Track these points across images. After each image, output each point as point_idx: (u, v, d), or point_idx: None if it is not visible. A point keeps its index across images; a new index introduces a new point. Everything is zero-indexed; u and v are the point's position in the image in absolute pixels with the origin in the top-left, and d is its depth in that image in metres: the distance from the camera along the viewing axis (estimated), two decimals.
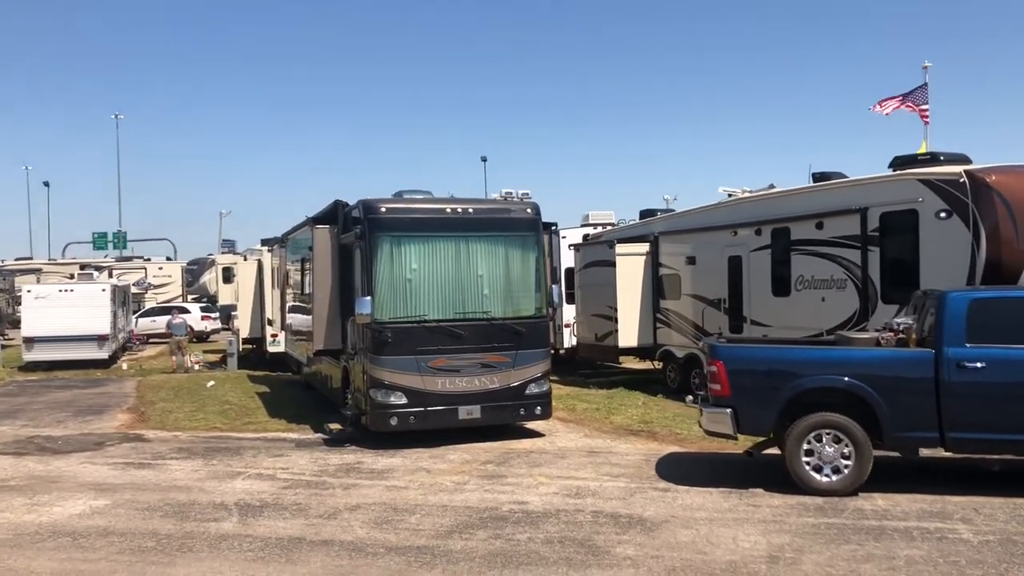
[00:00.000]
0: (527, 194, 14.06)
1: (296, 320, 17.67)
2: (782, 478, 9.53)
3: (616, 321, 18.41)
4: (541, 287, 13.14)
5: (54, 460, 12.01)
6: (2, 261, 54.21)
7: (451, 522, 8.42)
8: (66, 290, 27.11)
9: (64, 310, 25.99)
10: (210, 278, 49.32)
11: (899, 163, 13.23)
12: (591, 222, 22.83)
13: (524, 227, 13.26)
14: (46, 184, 72.89)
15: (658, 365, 19.18)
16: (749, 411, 9.32)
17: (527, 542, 7.70)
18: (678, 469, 10.54)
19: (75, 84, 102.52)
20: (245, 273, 25.80)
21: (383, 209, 12.71)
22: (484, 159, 45.62)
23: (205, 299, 45.19)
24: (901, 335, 9.35)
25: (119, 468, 11.38)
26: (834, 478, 9.07)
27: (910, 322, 9.32)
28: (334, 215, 14.23)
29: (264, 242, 27.27)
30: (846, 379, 8.98)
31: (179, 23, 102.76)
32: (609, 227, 22.90)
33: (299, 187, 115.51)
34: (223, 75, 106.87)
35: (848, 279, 13.31)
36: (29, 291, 26.99)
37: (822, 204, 13.91)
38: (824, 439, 9.08)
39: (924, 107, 21.81)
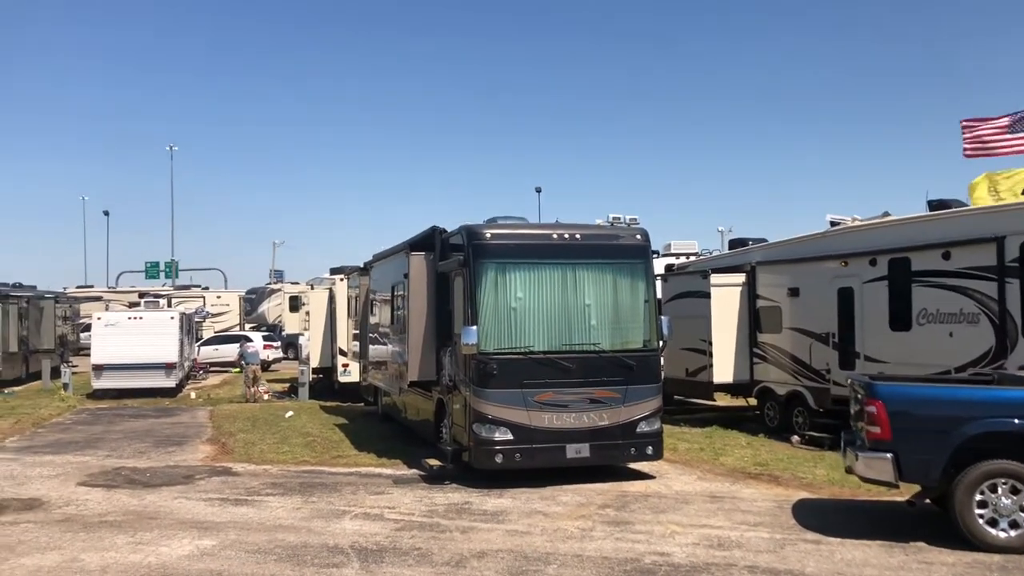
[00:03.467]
0: (635, 219, 13.46)
1: (380, 350, 17.10)
2: (943, 531, 8.67)
3: (710, 356, 17.57)
4: (651, 318, 12.42)
5: (146, 494, 11.50)
6: (63, 289, 54.85)
7: (594, 575, 7.68)
8: (135, 317, 26.96)
9: (133, 337, 25.83)
10: (269, 307, 49.39)
11: None
12: (673, 251, 22.07)
13: (633, 254, 12.58)
14: (106, 213, 73.90)
15: (752, 402, 18.31)
16: (913, 457, 8.46)
17: None
18: (819, 518, 9.68)
19: (127, 115, 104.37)
20: (316, 302, 25.43)
21: (488, 235, 12.14)
22: (539, 190, 45.06)
23: (265, 328, 45.04)
24: None
25: (216, 504, 10.82)
26: (1012, 533, 8.18)
27: None
28: (430, 241, 13.70)
29: (334, 271, 26.95)
30: None
31: (227, 47, 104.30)
32: (692, 257, 22.14)
33: (350, 220, 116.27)
34: (273, 104, 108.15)
35: (981, 313, 12.39)
36: (99, 318, 26.89)
37: (949, 233, 13.02)
38: (1000, 489, 8.21)
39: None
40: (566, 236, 12.31)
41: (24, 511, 10.53)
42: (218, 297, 50.67)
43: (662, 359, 12.92)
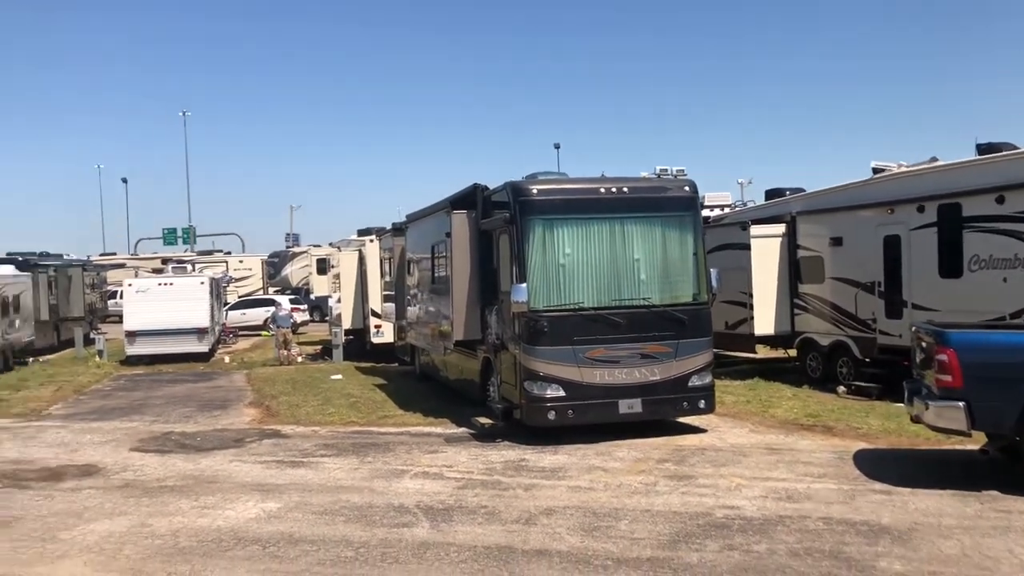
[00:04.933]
0: (683, 171, 13.15)
1: (419, 310, 17.03)
2: (1014, 479, 8.56)
3: (751, 308, 17.38)
4: (700, 271, 12.25)
5: (200, 458, 11.52)
6: (87, 257, 55.06)
7: (668, 530, 7.63)
8: (166, 283, 26.97)
9: (165, 303, 25.88)
10: (292, 270, 49.46)
11: None
12: (707, 203, 21.74)
13: (682, 206, 12.38)
14: (124, 180, 74.08)
15: (793, 353, 18.16)
16: (985, 405, 8.32)
17: (770, 555, 6.86)
18: (883, 468, 9.57)
19: (141, 82, 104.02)
20: (346, 264, 25.34)
21: (535, 191, 11.95)
22: (557, 146, 44.35)
23: (289, 291, 45.13)
24: None
25: (273, 467, 10.83)
26: None
27: None
28: (471, 199, 13.53)
29: (362, 232, 26.87)
30: None
31: (241, 16, 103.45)
32: (727, 209, 21.88)
33: (363, 184, 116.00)
34: (289, 73, 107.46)
35: None
36: (130, 284, 26.96)
37: (1004, 176, 12.71)
38: None
39: None
40: (613, 190, 12.11)
41: (84, 477, 10.58)
42: (240, 262, 50.63)
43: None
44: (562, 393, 11.50)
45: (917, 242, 14.26)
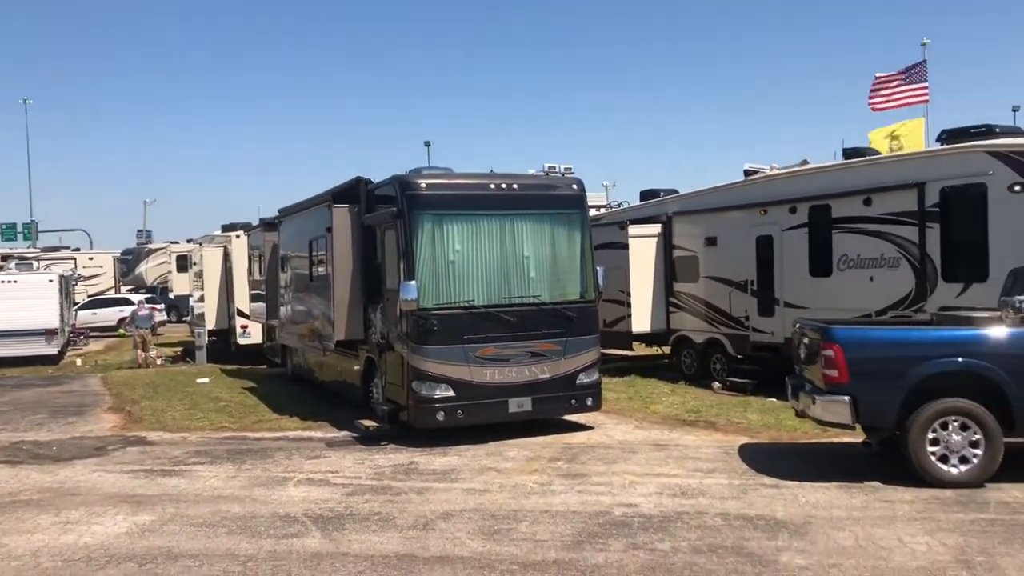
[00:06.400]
0: (570, 169, 13.10)
1: (294, 309, 16.36)
2: (893, 470, 8.90)
3: (629, 306, 17.60)
4: (588, 269, 12.23)
5: (58, 469, 10.60)
6: None
7: (570, 530, 7.49)
8: (10, 281, 25.05)
9: (9, 302, 24.06)
10: (147, 268, 47.04)
11: (950, 137, 12.76)
12: None
13: (570, 204, 12.33)
14: None
15: (666, 350, 18.51)
16: (870, 399, 8.59)
17: (674, 553, 6.82)
18: (769, 462, 9.78)
19: None
20: (210, 261, 24.17)
21: (424, 185, 11.62)
22: (428, 144, 43.68)
23: (144, 290, 42.83)
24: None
25: (141, 476, 10.07)
26: (962, 468, 8.44)
27: None
28: (353, 193, 13.06)
29: (226, 228, 25.69)
30: (980, 361, 8.35)
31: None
32: (603, 208, 22.12)
33: (222, 181, 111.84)
34: (141, 65, 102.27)
35: (902, 257, 12.76)
36: None
37: (870, 180, 13.32)
38: (951, 427, 8.44)
39: (923, 86, 21.61)
40: (503, 186, 11.93)
41: None
42: (90, 259, 47.45)
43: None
44: (451, 393, 11.23)
45: (789, 242, 14.77)
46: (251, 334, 22.66)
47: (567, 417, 12.50)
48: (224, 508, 8.54)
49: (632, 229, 17.71)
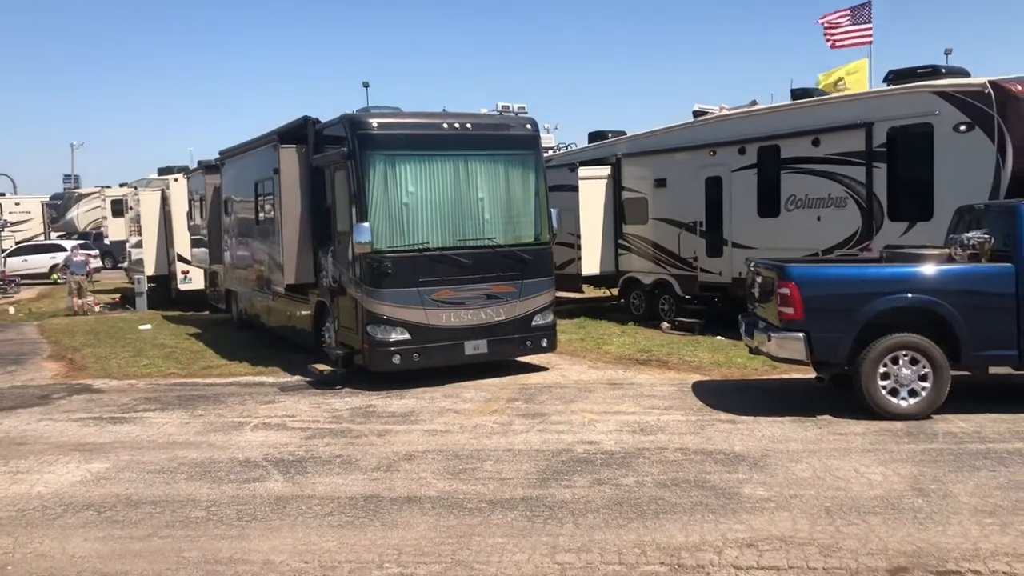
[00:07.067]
0: (523, 108, 12.91)
1: (240, 254, 16.01)
2: (844, 404, 9.14)
3: (579, 248, 17.63)
4: (542, 210, 12.17)
5: (2, 419, 10.29)
6: None
7: (534, 468, 7.54)
8: None
9: None
10: (79, 213, 45.55)
11: (897, 77, 12.91)
12: None
13: (525, 145, 12.20)
14: None
15: (615, 292, 18.64)
16: (824, 335, 8.77)
17: (639, 487, 6.92)
18: (722, 399, 9.97)
19: None
20: (147, 205, 23.45)
21: (375, 124, 11.35)
22: (366, 84, 42.46)
23: (76, 236, 41.50)
24: (973, 250, 8.96)
25: (91, 424, 9.83)
26: (911, 401, 8.71)
27: (984, 236, 8.93)
28: (301, 133, 12.72)
29: (163, 171, 24.92)
30: (930, 297, 8.56)
31: None
32: (550, 151, 22.00)
33: (149, 126, 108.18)
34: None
35: (849, 197, 12.98)
36: None
37: (819, 120, 13.45)
38: (901, 361, 8.68)
39: (867, 27, 21.79)
40: (456, 126, 11.72)
41: None
42: (17, 204, 45.76)
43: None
44: (407, 336, 11.15)
45: (738, 183, 14.90)
46: (192, 280, 22.22)
47: (522, 359, 12.55)
48: (181, 454, 8.40)
49: (582, 171, 17.65)
